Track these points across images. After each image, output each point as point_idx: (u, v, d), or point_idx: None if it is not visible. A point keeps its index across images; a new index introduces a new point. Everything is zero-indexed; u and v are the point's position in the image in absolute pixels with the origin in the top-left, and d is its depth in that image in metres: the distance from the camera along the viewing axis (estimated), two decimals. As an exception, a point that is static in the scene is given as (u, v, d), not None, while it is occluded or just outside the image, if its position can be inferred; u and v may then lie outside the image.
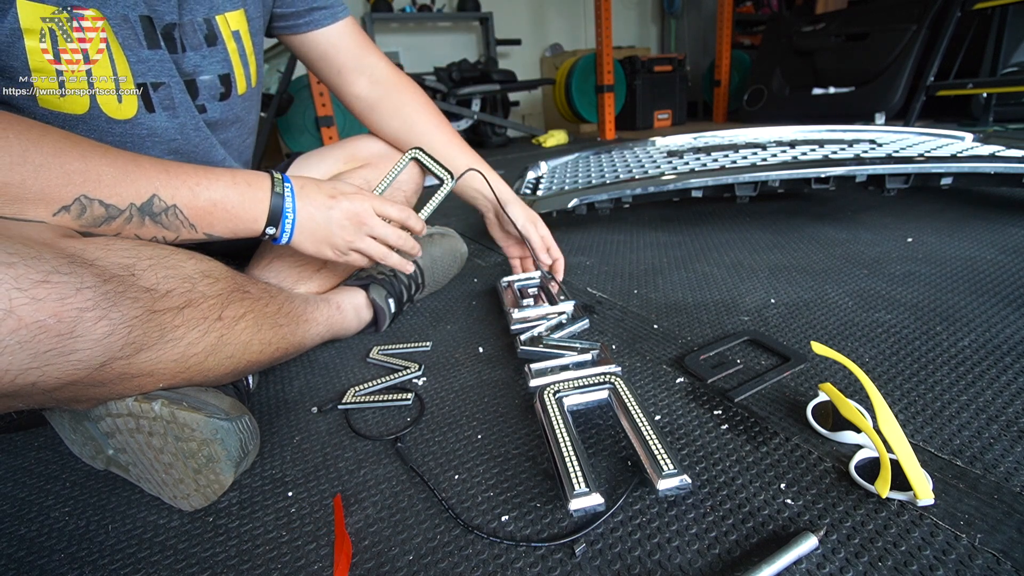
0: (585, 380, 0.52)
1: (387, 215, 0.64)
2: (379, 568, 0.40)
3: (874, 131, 1.45)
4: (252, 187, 0.55)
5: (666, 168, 1.22)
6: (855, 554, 0.37)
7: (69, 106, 0.51)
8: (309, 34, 0.73)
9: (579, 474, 0.41)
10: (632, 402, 0.48)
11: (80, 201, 0.45)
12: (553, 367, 0.57)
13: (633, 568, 0.38)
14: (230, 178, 0.54)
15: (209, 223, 0.53)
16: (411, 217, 0.67)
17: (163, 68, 0.55)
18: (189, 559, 0.42)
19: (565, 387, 0.51)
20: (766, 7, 4.14)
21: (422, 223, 0.69)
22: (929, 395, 0.53)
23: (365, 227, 0.62)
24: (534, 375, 0.55)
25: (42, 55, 0.48)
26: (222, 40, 0.61)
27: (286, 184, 0.57)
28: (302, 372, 0.70)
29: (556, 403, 0.49)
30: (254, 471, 0.52)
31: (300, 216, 0.58)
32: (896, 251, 0.93)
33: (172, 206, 0.50)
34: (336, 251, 0.62)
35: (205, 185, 0.52)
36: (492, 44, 3.85)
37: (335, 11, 0.73)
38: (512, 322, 0.70)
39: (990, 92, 2.19)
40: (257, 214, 0.55)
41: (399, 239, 0.65)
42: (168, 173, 0.50)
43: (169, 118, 0.57)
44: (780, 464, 0.46)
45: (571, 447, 0.43)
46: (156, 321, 0.43)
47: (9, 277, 0.35)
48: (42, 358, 0.36)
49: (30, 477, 0.54)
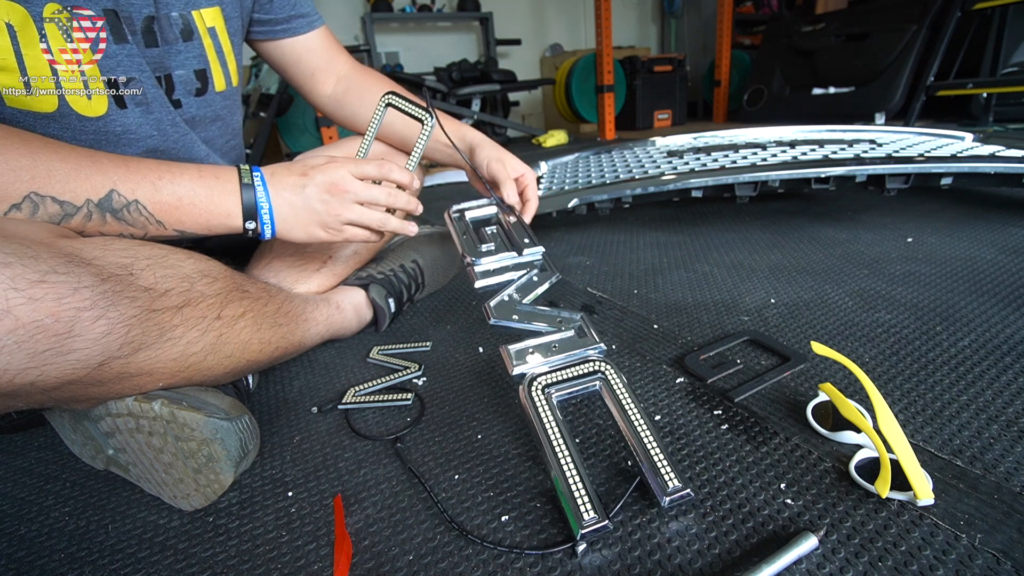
0: (574, 372, 0.48)
1: (366, 175, 0.59)
2: (379, 568, 0.40)
3: (874, 131, 1.45)
4: (220, 180, 0.53)
5: (666, 168, 1.22)
6: (855, 554, 0.37)
7: (37, 105, 0.50)
8: (285, 40, 0.74)
9: (587, 501, 0.39)
10: (625, 395, 0.46)
11: (31, 199, 0.44)
12: (534, 347, 0.51)
13: (633, 568, 0.38)
14: (196, 172, 0.52)
15: (177, 219, 0.51)
16: (392, 170, 0.61)
17: (132, 63, 0.54)
18: (189, 559, 0.42)
19: (552, 379, 0.48)
20: (766, 7, 4.14)
21: (408, 173, 0.62)
22: (929, 395, 0.53)
23: (348, 194, 0.57)
24: (516, 360, 0.50)
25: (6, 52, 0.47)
26: (198, 35, 0.60)
27: (255, 173, 0.55)
28: (302, 372, 0.70)
29: (545, 400, 0.46)
30: (254, 471, 0.52)
31: (276, 203, 0.55)
32: (896, 251, 0.93)
33: (133, 201, 0.48)
34: (328, 229, 0.58)
35: (168, 179, 0.50)
36: (492, 44, 3.85)
37: (311, 20, 0.75)
38: (475, 278, 0.59)
39: (990, 92, 2.19)
40: (229, 208, 0.53)
41: (389, 197, 0.60)
42: (128, 168, 0.49)
43: (143, 114, 0.56)
44: (780, 464, 0.46)
45: (572, 462, 0.42)
46: (155, 320, 0.43)
47: (6, 277, 0.34)
48: (40, 358, 0.36)
49: (30, 477, 0.54)
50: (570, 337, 0.52)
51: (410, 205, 0.63)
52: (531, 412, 0.46)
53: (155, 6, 0.56)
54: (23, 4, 0.47)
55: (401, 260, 0.83)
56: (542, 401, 0.46)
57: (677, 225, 1.24)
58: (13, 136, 0.45)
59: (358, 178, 0.58)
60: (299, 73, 0.77)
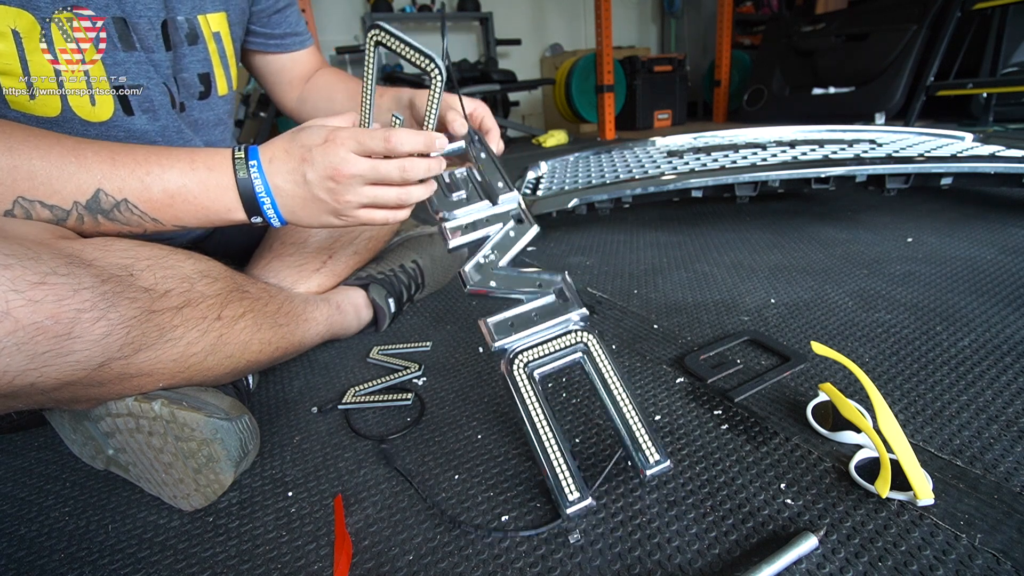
0: (555, 347, 0.47)
1: (372, 151, 0.49)
2: (379, 568, 0.40)
3: (874, 131, 1.45)
4: (213, 171, 0.49)
5: (666, 168, 1.22)
6: (855, 554, 0.37)
7: (40, 108, 0.50)
8: (277, 54, 0.75)
9: (570, 481, 0.41)
10: (606, 368, 0.46)
11: (20, 204, 0.43)
12: (514, 319, 0.48)
13: (633, 568, 0.38)
14: (187, 163, 0.48)
15: (174, 215, 0.49)
16: (402, 141, 0.49)
17: (140, 70, 0.54)
18: (189, 559, 0.42)
19: (534, 355, 0.46)
20: (766, 7, 4.13)
21: (421, 136, 0.50)
22: (929, 395, 0.53)
23: (355, 178, 0.49)
24: (496, 333, 0.47)
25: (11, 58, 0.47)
26: (203, 40, 0.61)
27: (251, 163, 0.49)
28: (302, 372, 0.70)
29: (527, 378, 0.45)
30: (254, 471, 0.52)
31: (279, 196, 0.50)
32: (896, 251, 0.93)
33: (122, 201, 0.46)
34: (340, 216, 0.52)
35: (157, 174, 0.47)
36: (492, 44, 3.85)
37: (303, 39, 0.77)
38: (448, 237, 0.53)
39: (990, 92, 2.19)
40: (228, 203, 0.50)
41: (404, 172, 0.50)
42: (114, 163, 0.46)
43: (150, 120, 0.56)
44: (780, 464, 0.46)
45: (555, 443, 0.43)
46: (155, 321, 0.43)
47: (6, 279, 0.34)
48: (40, 359, 0.36)
49: (30, 477, 0.54)
50: (551, 303, 0.49)
51: (432, 171, 0.52)
52: (513, 390, 0.45)
53: (165, 9, 0.56)
54: (31, 11, 0.47)
55: (401, 260, 0.83)
56: (524, 380, 0.45)
57: (677, 225, 1.24)
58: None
59: (363, 155, 0.49)
60: (279, 82, 0.79)
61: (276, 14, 0.72)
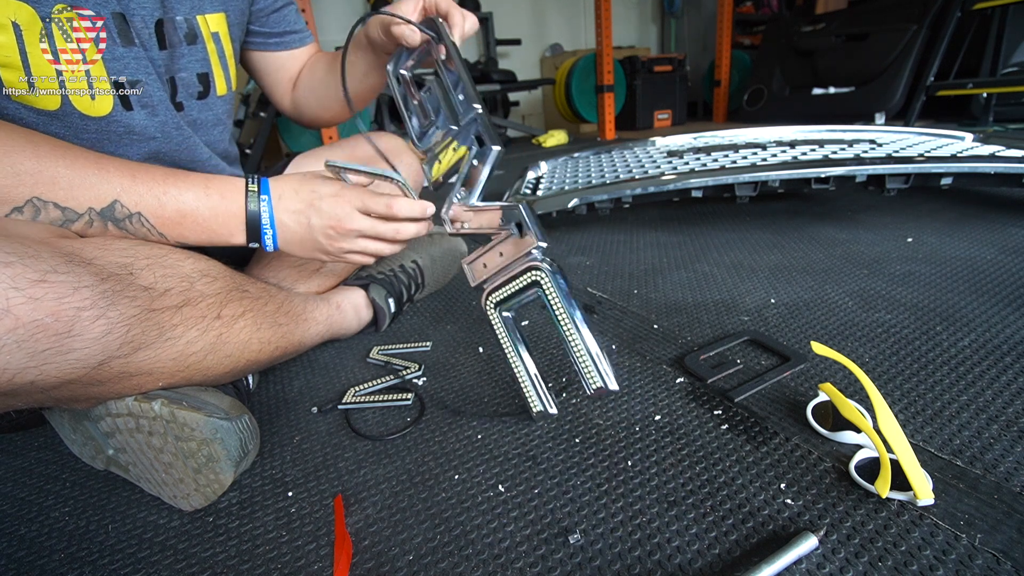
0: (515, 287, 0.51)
1: (373, 211, 0.56)
2: (379, 568, 0.40)
3: (874, 131, 1.45)
4: (225, 199, 0.53)
5: (666, 168, 1.22)
6: (855, 554, 0.37)
7: (42, 102, 0.50)
8: (276, 52, 0.75)
9: (535, 394, 0.52)
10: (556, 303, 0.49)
11: (33, 203, 0.44)
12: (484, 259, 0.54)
13: (633, 568, 0.38)
14: (202, 188, 0.52)
15: (180, 233, 0.52)
16: (402, 208, 0.56)
17: (139, 66, 0.54)
18: (189, 559, 0.42)
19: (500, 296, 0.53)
20: (766, 7, 4.13)
21: (418, 205, 0.57)
22: (929, 395, 0.53)
23: (353, 232, 0.56)
24: (472, 274, 0.56)
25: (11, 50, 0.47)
26: (202, 39, 0.61)
27: (262, 197, 0.54)
28: (302, 372, 0.70)
29: (499, 317, 0.54)
30: (254, 471, 0.52)
31: (281, 230, 0.56)
32: (896, 251, 0.93)
33: (136, 214, 0.49)
34: (329, 256, 0.59)
35: (173, 194, 0.50)
36: (492, 44, 3.85)
37: (303, 36, 0.77)
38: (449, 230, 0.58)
39: (990, 92, 2.19)
40: (232, 229, 0.54)
41: (396, 234, 0.58)
42: (134, 179, 0.49)
43: (148, 116, 0.56)
44: (780, 464, 0.46)
45: (524, 367, 0.53)
46: (154, 320, 0.43)
47: (6, 276, 0.34)
48: (40, 357, 0.36)
49: (30, 477, 0.54)
50: (512, 239, 0.52)
51: (420, 232, 0.60)
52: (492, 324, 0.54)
53: (163, 9, 0.56)
54: (32, 4, 0.47)
55: (401, 260, 0.83)
56: (497, 318, 0.54)
57: (677, 225, 1.24)
58: (19, 138, 0.44)
59: (364, 213, 0.56)
60: (279, 80, 0.78)
61: (274, 13, 0.72)
